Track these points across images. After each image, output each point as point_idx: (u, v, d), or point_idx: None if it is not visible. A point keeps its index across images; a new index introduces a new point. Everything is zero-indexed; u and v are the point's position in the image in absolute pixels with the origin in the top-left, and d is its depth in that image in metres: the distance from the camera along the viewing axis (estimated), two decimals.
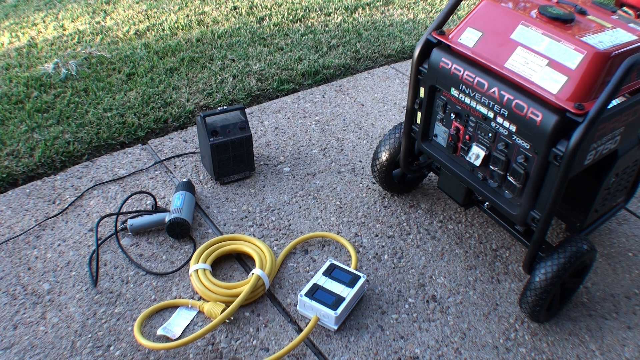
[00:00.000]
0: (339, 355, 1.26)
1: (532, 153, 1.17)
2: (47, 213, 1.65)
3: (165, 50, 2.59)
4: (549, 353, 1.30)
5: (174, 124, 2.08)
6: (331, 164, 1.90)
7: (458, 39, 1.28)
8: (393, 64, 2.61)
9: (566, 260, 1.22)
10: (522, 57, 1.17)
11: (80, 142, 1.93)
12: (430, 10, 3.23)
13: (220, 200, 1.72)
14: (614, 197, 1.45)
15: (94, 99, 2.18)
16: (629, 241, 1.63)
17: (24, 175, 1.80)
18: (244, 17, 3.01)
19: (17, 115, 2.06)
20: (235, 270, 1.47)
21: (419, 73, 1.38)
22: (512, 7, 1.26)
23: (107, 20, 2.97)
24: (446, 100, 1.34)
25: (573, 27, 1.17)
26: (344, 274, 1.40)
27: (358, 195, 1.75)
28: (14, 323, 1.32)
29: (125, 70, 2.40)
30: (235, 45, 2.67)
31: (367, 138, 2.04)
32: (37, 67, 2.42)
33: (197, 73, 2.41)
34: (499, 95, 1.18)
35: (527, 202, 1.22)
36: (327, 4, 3.23)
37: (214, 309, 1.31)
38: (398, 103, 2.27)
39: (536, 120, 1.11)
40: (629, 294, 1.46)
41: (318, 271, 1.42)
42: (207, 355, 1.26)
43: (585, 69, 1.08)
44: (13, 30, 2.84)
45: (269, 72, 2.42)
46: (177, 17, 2.99)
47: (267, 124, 2.11)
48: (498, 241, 1.61)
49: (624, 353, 1.31)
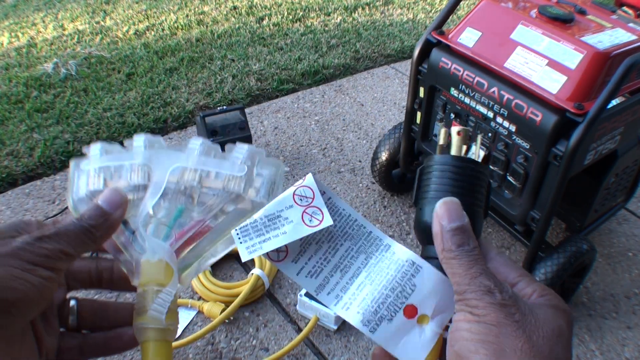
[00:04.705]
0: (338, 355, 1.26)
1: (531, 153, 1.17)
2: (46, 213, 1.64)
3: (164, 50, 2.58)
4: None
5: (174, 124, 2.08)
6: (331, 164, 1.90)
7: (458, 38, 1.28)
8: (393, 64, 2.61)
9: (566, 260, 1.22)
10: (522, 57, 1.17)
11: (80, 142, 1.93)
12: (430, 10, 3.23)
13: None
14: (614, 197, 1.45)
15: (93, 99, 2.18)
16: (629, 241, 1.63)
17: (23, 175, 1.80)
18: (243, 17, 3.01)
19: (16, 115, 2.06)
20: (235, 270, 1.47)
21: (418, 73, 1.38)
22: (512, 7, 1.26)
23: (107, 20, 2.97)
24: (446, 100, 1.34)
25: (573, 27, 1.17)
26: None
27: (358, 195, 1.75)
28: None
29: (124, 70, 2.40)
30: (235, 45, 2.67)
31: (366, 138, 2.04)
32: (36, 67, 2.42)
33: (196, 73, 2.41)
34: (498, 95, 1.18)
35: (527, 202, 1.22)
36: (327, 3, 3.22)
37: (213, 309, 1.31)
38: (398, 103, 2.27)
39: (536, 120, 1.11)
40: (629, 294, 1.46)
41: None
42: (207, 355, 1.25)
43: (584, 69, 1.08)
44: (12, 30, 2.83)
45: (269, 72, 2.42)
46: (176, 17, 2.99)
47: (267, 123, 2.11)
48: (498, 241, 1.61)
49: (623, 353, 1.31)
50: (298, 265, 0.39)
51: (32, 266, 0.35)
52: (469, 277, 0.35)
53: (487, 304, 0.34)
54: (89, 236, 0.38)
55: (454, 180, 0.39)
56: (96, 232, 0.38)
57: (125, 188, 0.41)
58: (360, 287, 0.39)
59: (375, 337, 0.37)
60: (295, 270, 0.39)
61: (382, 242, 0.40)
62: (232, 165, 0.41)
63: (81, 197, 0.41)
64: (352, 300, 0.38)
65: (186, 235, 0.40)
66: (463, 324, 0.34)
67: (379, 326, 0.37)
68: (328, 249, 0.40)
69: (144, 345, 0.39)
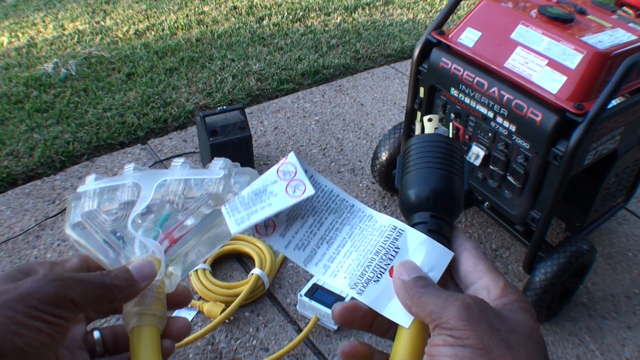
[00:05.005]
0: (339, 355, 1.26)
1: (531, 153, 1.17)
2: (46, 213, 1.64)
3: (164, 50, 2.58)
4: (549, 353, 1.30)
5: (174, 124, 2.08)
6: (331, 164, 1.90)
7: (458, 38, 1.28)
8: (393, 64, 2.61)
9: (566, 260, 1.22)
10: (522, 57, 1.17)
11: (79, 142, 1.93)
12: (430, 10, 3.23)
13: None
14: (614, 197, 1.45)
15: (93, 99, 2.18)
16: (629, 241, 1.63)
17: (23, 175, 1.80)
18: (243, 17, 3.01)
19: (16, 115, 2.06)
20: (235, 270, 1.47)
21: (418, 73, 1.38)
22: (512, 7, 1.26)
23: (107, 20, 2.97)
24: (446, 100, 1.34)
25: (573, 27, 1.17)
26: None
27: (358, 195, 1.75)
28: None
29: (124, 70, 2.40)
30: (235, 45, 2.67)
31: (366, 138, 2.04)
32: (36, 67, 2.42)
33: (196, 73, 2.41)
34: (498, 95, 1.18)
35: (527, 202, 1.22)
36: (327, 3, 3.22)
37: (213, 309, 1.31)
38: (398, 103, 2.27)
39: (536, 120, 1.11)
40: (629, 294, 1.46)
41: None
42: (207, 355, 1.25)
43: (584, 69, 1.08)
44: (12, 30, 2.83)
45: (269, 72, 2.42)
46: (176, 17, 2.99)
47: (267, 123, 2.11)
48: (498, 241, 1.61)
49: (623, 353, 1.31)
50: (286, 239, 0.41)
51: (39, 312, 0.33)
52: (441, 300, 0.34)
53: (466, 321, 0.32)
54: (108, 294, 0.37)
55: (429, 153, 0.41)
56: (117, 294, 0.37)
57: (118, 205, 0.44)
58: (346, 255, 0.40)
59: (363, 298, 0.38)
60: (284, 244, 0.41)
61: (365, 214, 0.42)
62: (211, 171, 0.45)
63: (77, 222, 0.43)
64: (340, 268, 0.40)
65: (172, 234, 0.43)
66: (445, 350, 0.32)
67: (367, 288, 0.38)
68: (314, 222, 0.41)
69: (131, 332, 0.40)
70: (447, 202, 0.40)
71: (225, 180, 0.45)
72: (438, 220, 0.40)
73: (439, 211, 0.40)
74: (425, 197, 0.40)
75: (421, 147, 0.42)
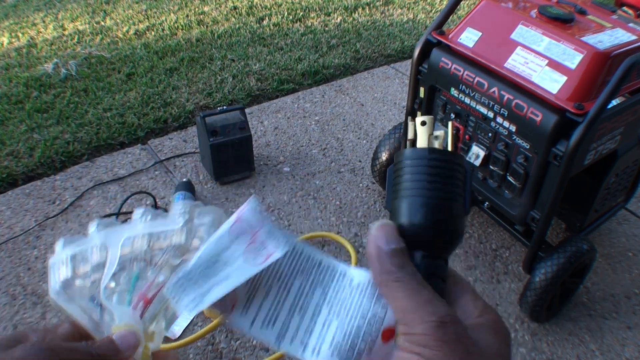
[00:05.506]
0: None
1: (531, 153, 1.17)
2: (47, 213, 1.64)
3: (164, 50, 2.58)
4: (549, 353, 1.30)
5: (174, 124, 2.08)
6: (331, 164, 1.90)
7: (458, 38, 1.28)
8: (393, 64, 2.61)
9: (566, 260, 1.22)
10: (522, 57, 1.17)
11: (80, 142, 1.93)
12: (430, 10, 3.23)
13: (220, 200, 1.72)
14: (614, 197, 1.45)
15: (93, 99, 2.18)
16: (629, 241, 1.63)
17: (23, 176, 1.80)
18: (243, 17, 3.01)
19: (16, 116, 2.06)
20: None
21: (418, 73, 1.38)
22: (512, 7, 1.26)
23: (107, 20, 2.97)
24: (446, 100, 1.34)
25: (573, 27, 1.17)
26: None
27: (358, 195, 1.75)
28: (14, 323, 1.32)
29: (125, 70, 2.40)
30: (235, 45, 2.67)
31: (367, 138, 2.04)
32: (36, 67, 2.42)
33: (196, 73, 2.41)
34: (498, 95, 1.18)
35: (527, 202, 1.22)
36: (327, 3, 3.23)
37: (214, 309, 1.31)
38: (398, 103, 2.27)
39: (536, 120, 1.11)
40: (629, 294, 1.46)
41: None
42: (207, 355, 1.26)
43: (585, 69, 1.08)
44: (13, 30, 2.83)
45: (269, 72, 2.42)
46: (176, 17, 2.99)
47: (267, 124, 2.11)
48: (498, 241, 1.61)
49: (623, 353, 1.31)
50: (249, 316, 0.34)
51: None
52: (415, 304, 0.31)
53: (441, 342, 0.29)
54: None
55: (422, 176, 0.35)
56: None
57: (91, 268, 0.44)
58: (325, 325, 0.34)
59: None
60: (248, 322, 0.34)
61: (336, 270, 0.36)
62: (172, 220, 0.44)
63: (58, 291, 0.44)
64: (321, 342, 0.33)
65: (145, 295, 0.43)
66: None
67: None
68: (279, 290, 0.35)
69: None
70: (444, 237, 0.35)
71: (188, 227, 0.42)
72: (432, 261, 0.35)
73: (434, 249, 0.35)
74: (418, 235, 0.34)
75: (415, 167, 0.35)
